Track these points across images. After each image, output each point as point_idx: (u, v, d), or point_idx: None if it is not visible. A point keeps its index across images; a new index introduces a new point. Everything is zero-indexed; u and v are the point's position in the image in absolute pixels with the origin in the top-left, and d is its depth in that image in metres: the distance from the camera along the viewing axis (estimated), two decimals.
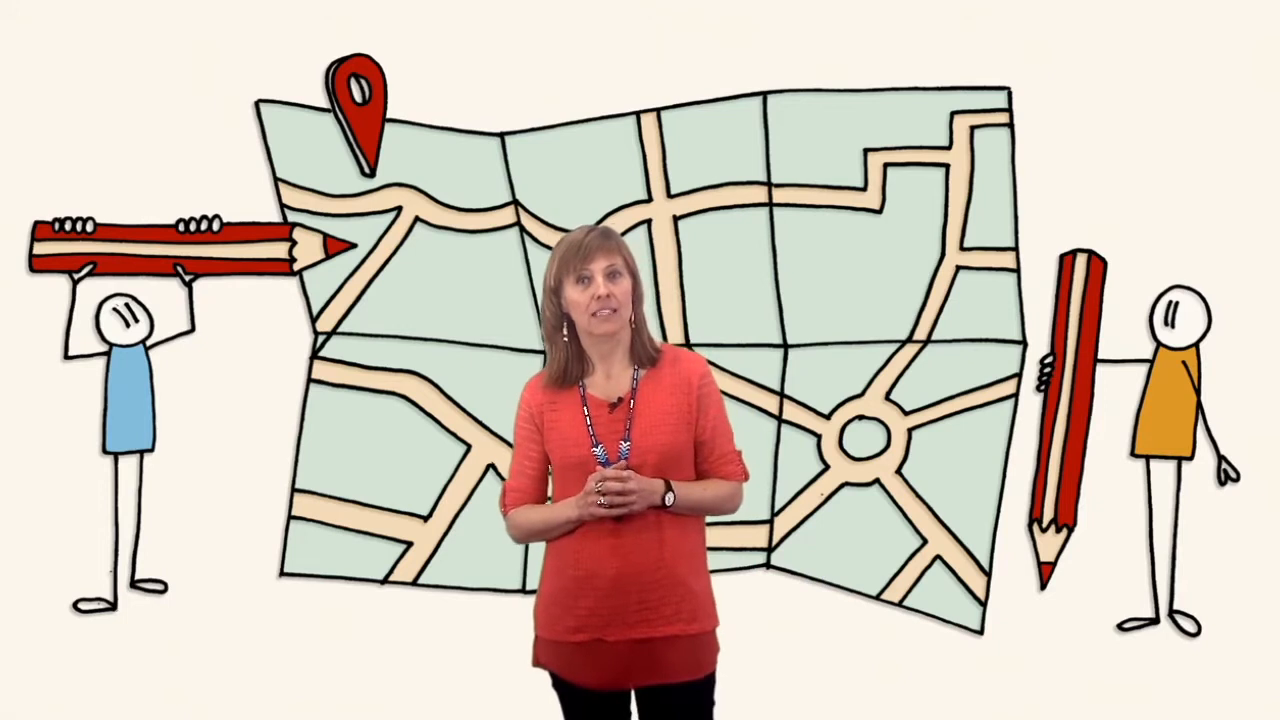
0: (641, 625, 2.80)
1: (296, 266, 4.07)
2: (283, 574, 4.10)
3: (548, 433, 2.87)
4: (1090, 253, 4.15)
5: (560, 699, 2.93)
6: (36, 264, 4.00)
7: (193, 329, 4.06)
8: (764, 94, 4.14)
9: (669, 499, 2.80)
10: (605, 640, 2.81)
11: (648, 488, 2.78)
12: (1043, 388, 4.17)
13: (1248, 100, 4.17)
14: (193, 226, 4.03)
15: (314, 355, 4.10)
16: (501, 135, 4.12)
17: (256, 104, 4.05)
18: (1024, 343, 4.17)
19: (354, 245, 4.10)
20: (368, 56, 4.06)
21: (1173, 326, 4.16)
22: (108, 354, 4.03)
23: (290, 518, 4.10)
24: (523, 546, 4.08)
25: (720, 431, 2.92)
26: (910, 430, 4.18)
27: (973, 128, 4.16)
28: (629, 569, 2.79)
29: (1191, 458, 4.16)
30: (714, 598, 2.92)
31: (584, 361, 2.87)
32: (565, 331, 2.86)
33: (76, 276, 4.00)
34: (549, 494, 2.95)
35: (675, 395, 2.85)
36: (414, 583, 4.14)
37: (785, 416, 4.18)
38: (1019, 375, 4.17)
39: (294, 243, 4.07)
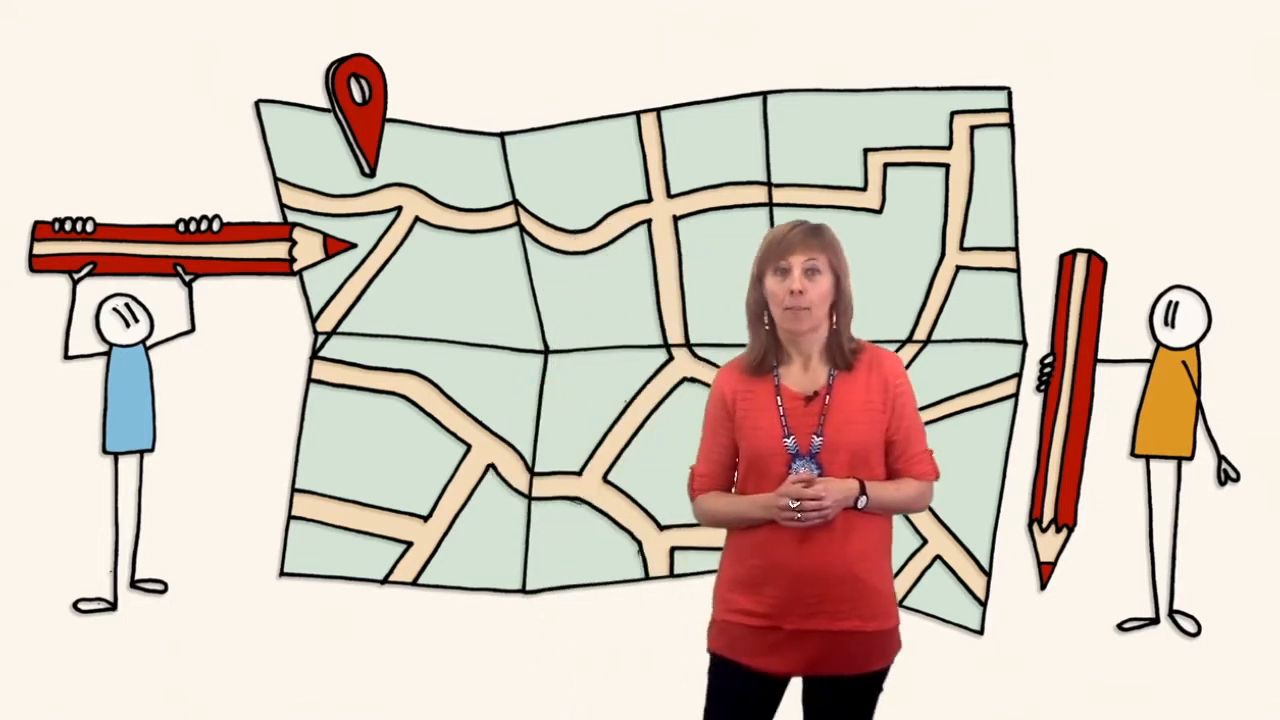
0: (818, 617, 2.81)
1: (296, 266, 4.07)
2: (283, 574, 4.10)
3: (740, 420, 2.88)
4: (1090, 253, 4.15)
5: (717, 681, 2.91)
6: (36, 264, 4.00)
7: (193, 329, 4.06)
8: (764, 94, 4.14)
9: (862, 501, 2.81)
10: (782, 628, 2.82)
11: (841, 493, 2.77)
12: (1043, 388, 4.17)
13: (1248, 100, 4.17)
14: (193, 226, 4.03)
15: (314, 355, 4.10)
16: (501, 135, 4.12)
17: (256, 104, 4.04)
18: (1024, 343, 4.17)
19: (354, 245, 4.10)
20: (368, 56, 4.06)
21: (1173, 326, 4.16)
22: (108, 354, 4.03)
23: (290, 518, 4.10)
24: (522, 548, 4.10)
25: (913, 431, 2.93)
26: None
27: (973, 128, 4.16)
28: (811, 564, 2.80)
29: (1191, 458, 4.16)
30: (895, 595, 2.92)
31: (781, 351, 2.90)
32: (766, 321, 2.90)
33: (76, 276, 4.00)
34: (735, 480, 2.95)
35: (870, 393, 2.87)
36: (414, 583, 4.14)
37: None
38: (1019, 375, 4.17)
39: (294, 243, 4.07)
